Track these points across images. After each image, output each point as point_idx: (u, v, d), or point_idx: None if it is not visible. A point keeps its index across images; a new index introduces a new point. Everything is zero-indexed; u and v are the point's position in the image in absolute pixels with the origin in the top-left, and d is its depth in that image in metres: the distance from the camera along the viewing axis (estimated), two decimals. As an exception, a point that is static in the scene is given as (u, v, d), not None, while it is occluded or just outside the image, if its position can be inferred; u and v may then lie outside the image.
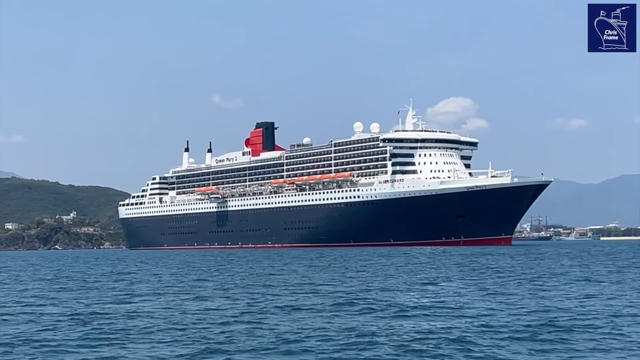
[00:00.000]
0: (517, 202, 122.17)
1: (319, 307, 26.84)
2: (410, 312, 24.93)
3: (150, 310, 27.10)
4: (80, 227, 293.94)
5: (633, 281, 37.72)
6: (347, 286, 36.60)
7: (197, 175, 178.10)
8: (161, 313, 25.95)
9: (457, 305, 26.65)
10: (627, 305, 26.36)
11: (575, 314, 23.81)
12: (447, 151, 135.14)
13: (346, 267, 57.28)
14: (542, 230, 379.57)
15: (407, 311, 25.24)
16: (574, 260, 66.10)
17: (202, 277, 46.88)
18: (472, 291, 32.69)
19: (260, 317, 24.35)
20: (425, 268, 52.80)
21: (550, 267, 52.33)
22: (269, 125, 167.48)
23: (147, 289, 37.78)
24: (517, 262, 61.00)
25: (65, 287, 41.37)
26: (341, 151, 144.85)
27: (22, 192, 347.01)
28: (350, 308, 26.33)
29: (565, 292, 31.46)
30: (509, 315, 23.65)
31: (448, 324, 21.77)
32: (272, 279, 43.40)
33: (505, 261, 62.21)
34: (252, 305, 28.12)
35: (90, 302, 30.64)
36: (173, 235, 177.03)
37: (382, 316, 24.11)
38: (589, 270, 48.28)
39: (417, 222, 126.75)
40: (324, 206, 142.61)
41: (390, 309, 25.92)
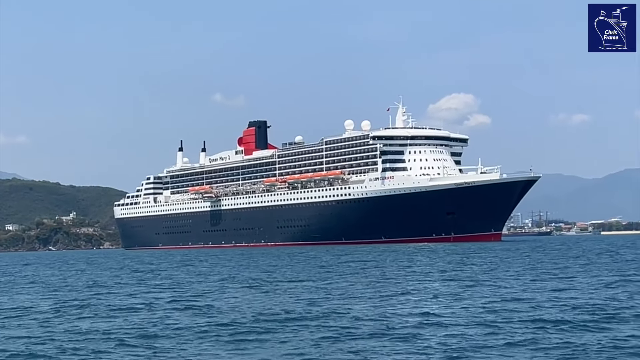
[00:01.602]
0: (506, 198, 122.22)
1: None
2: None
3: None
4: (80, 227, 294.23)
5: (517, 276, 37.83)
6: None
7: (191, 174, 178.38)
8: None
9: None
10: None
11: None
12: (437, 148, 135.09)
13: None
14: (543, 226, 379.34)
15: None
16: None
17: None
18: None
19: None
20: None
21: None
22: (261, 124, 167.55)
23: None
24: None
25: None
26: (332, 149, 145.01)
27: (23, 193, 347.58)
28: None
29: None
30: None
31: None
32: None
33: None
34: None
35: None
36: (167, 235, 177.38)
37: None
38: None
39: (408, 219, 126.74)
40: (316, 204, 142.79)
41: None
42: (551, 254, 70.93)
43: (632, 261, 53.80)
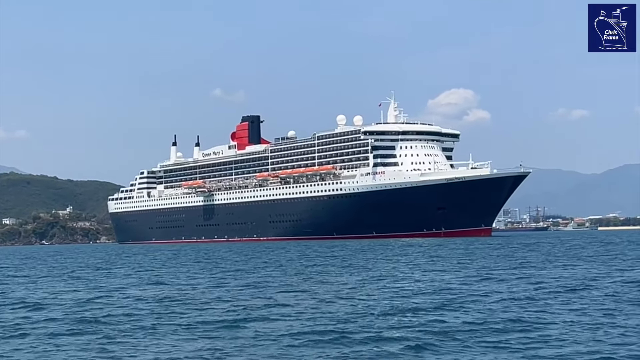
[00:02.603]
0: (496, 193, 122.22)
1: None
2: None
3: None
4: (76, 221, 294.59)
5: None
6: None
7: (184, 169, 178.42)
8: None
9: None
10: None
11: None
12: (428, 143, 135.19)
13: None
14: (540, 221, 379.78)
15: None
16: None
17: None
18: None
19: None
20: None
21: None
22: (254, 119, 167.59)
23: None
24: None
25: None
26: (324, 144, 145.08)
27: (21, 187, 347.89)
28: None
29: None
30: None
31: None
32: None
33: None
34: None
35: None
36: (161, 230, 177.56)
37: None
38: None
39: (399, 214, 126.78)
40: (308, 199, 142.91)
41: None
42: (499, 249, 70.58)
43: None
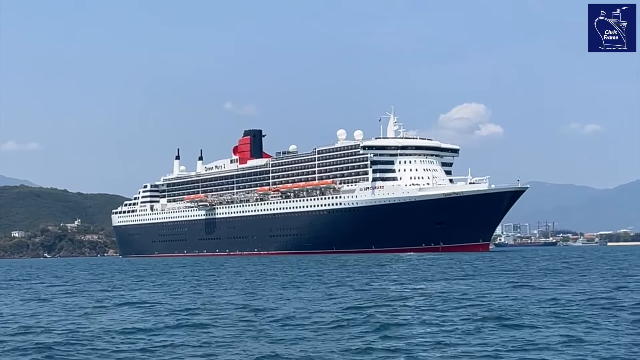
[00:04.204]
0: (494, 209, 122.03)
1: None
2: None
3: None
4: (84, 234, 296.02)
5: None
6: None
7: (187, 182, 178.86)
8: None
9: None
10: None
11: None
12: (427, 158, 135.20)
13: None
14: (549, 236, 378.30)
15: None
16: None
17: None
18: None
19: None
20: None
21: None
22: (256, 133, 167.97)
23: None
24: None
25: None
26: (324, 158, 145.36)
27: (31, 200, 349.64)
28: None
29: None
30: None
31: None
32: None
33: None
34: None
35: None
36: (163, 243, 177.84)
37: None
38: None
39: (397, 228, 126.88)
40: (308, 213, 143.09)
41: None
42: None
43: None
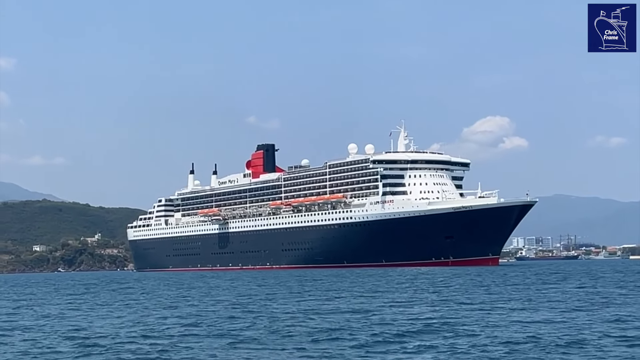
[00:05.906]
0: (503, 223, 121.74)
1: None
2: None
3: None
4: (104, 248, 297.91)
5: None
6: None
7: (201, 197, 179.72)
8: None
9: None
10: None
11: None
12: (437, 172, 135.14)
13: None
14: (571, 249, 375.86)
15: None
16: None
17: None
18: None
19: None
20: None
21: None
22: (269, 147, 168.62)
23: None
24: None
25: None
26: (335, 172, 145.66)
27: (52, 215, 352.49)
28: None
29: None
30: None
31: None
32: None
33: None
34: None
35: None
36: (178, 257, 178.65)
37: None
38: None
39: (407, 242, 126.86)
40: (319, 227, 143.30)
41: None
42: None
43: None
